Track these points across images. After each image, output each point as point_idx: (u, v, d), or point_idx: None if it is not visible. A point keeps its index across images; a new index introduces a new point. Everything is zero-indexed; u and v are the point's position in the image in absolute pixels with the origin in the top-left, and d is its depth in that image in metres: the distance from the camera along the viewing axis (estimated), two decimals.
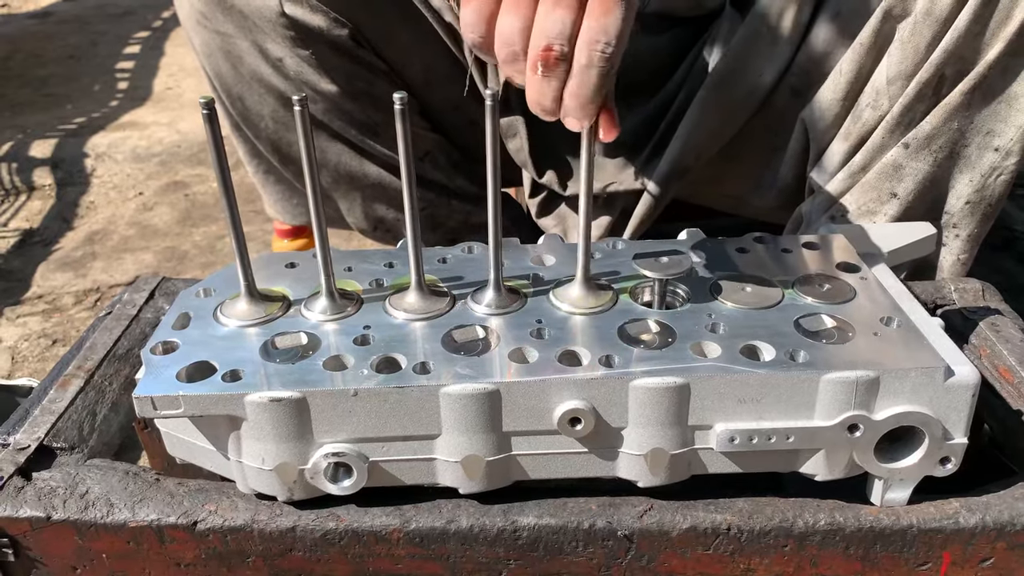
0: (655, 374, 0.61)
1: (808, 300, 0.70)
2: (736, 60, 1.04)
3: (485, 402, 0.61)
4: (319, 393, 0.60)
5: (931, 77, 0.86)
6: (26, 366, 1.48)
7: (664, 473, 0.63)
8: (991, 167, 0.89)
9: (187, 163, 2.33)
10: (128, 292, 0.90)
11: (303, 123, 0.62)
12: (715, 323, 0.67)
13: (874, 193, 0.93)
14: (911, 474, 0.63)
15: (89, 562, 0.65)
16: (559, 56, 0.60)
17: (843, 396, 0.60)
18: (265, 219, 1.90)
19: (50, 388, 0.75)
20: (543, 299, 0.71)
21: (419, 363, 0.63)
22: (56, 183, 2.22)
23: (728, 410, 0.61)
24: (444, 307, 0.70)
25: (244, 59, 1.08)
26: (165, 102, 2.83)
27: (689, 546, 0.64)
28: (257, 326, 0.68)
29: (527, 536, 0.63)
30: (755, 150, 1.11)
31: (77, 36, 3.57)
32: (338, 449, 0.62)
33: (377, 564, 0.64)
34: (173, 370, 0.62)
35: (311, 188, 0.65)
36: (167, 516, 0.64)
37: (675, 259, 0.70)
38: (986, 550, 0.63)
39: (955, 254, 0.95)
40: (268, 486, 0.63)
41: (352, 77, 1.11)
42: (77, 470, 0.67)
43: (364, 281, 0.74)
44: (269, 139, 1.16)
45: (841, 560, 0.64)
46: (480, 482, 0.63)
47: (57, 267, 1.82)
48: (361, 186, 1.21)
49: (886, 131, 0.91)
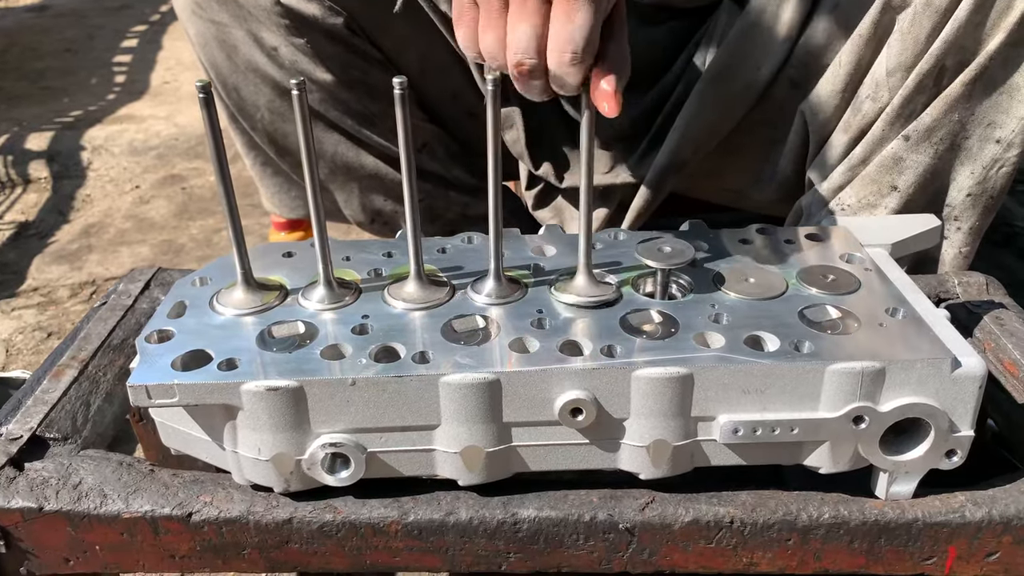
0: (658, 364, 0.60)
1: (812, 291, 0.69)
2: (734, 53, 1.03)
3: (485, 392, 0.60)
4: (316, 382, 0.59)
5: (931, 68, 0.86)
6: (21, 359, 1.47)
7: (666, 465, 0.62)
8: (992, 159, 0.88)
9: (184, 156, 2.32)
10: (123, 282, 0.89)
11: (301, 108, 0.61)
12: (718, 313, 0.66)
13: (874, 186, 0.93)
14: (916, 467, 0.62)
15: (82, 554, 0.64)
16: (530, 68, 0.62)
17: (848, 387, 0.59)
18: (262, 212, 1.89)
19: (43, 378, 0.74)
20: (544, 289, 0.70)
21: (418, 352, 0.62)
22: (52, 176, 2.21)
23: (732, 401, 0.61)
24: (443, 297, 0.69)
25: (239, 48, 1.08)
26: (162, 96, 2.82)
27: (691, 539, 0.63)
28: (254, 315, 0.67)
29: (527, 529, 0.62)
30: (754, 143, 1.10)
31: (74, 29, 3.56)
32: (335, 439, 0.61)
33: (375, 557, 0.64)
34: (168, 358, 0.61)
35: (308, 174, 0.64)
36: (161, 507, 0.63)
37: (678, 249, 0.69)
38: (992, 544, 0.62)
39: (957, 247, 0.94)
40: (264, 477, 0.62)
41: (347, 66, 1.11)
42: (70, 460, 0.66)
43: (362, 271, 0.73)
44: (265, 130, 1.15)
45: (845, 554, 0.63)
46: (480, 474, 0.63)
47: (53, 260, 1.80)
48: (358, 177, 1.20)
49: (886, 123, 0.90)
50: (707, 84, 1.05)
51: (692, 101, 1.07)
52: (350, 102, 1.13)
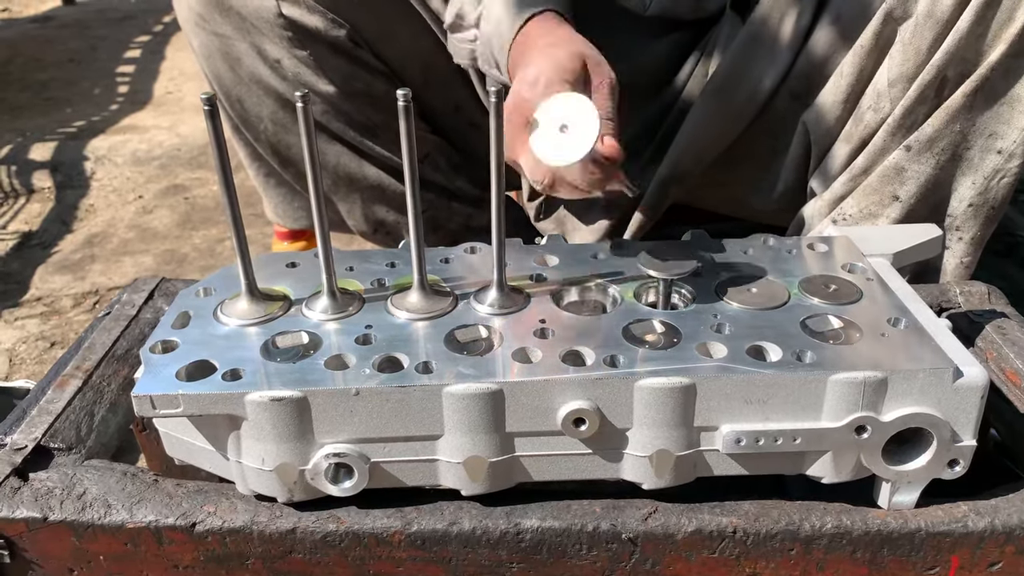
0: (660, 374, 0.60)
1: (814, 301, 0.69)
2: (736, 65, 1.04)
3: (488, 402, 0.60)
4: (320, 392, 0.60)
5: (933, 79, 0.86)
6: (24, 368, 1.47)
7: (669, 475, 0.63)
8: (994, 169, 0.89)
9: (187, 166, 2.33)
10: (127, 293, 0.89)
11: (306, 120, 0.62)
12: (721, 323, 0.66)
13: (876, 196, 0.93)
14: (919, 476, 0.62)
15: (86, 564, 0.64)
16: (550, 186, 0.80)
17: (851, 397, 0.60)
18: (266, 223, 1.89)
19: (48, 388, 0.75)
20: (546, 299, 0.70)
21: (421, 363, 0.62)
22: (55, 186, 2.22)
23: (734, 411, 0.61)
24: (447, 307, 0.69)
25: (242, 60, 1.08)
26: (165, 106, 2.83)
27: (694, 549, 0.63)
28: (258, 325, 0.67)
29: (530, 539, 0.63)
30: (755, 153, 1.11)
31: (77, 40, 3.57)
32: (339, 450, 0.61)
33: (378, 567, 0.64)
34: (172, 369, 0.62)
35: (313, 184, 0.65)
36: (165, 517, 0.63)
37: (680, 259, 0.70)
38: (995, 554, 0.62)
39: (958, 257, 0.95)
40: (268, 487, 0.63)
41: (350, 78, 1.11)
42: (74, 471, 0.66)
43: (366, 281, 0.74)
44: (268, 141, 1.16)
45: (848, 564, 0.63)
46: (483, 484, 0.63)
47: (56, 270, 1.81)
48: (360, 188, 1.20)
49: (888, 133, 0.91)
50: (709, 96, 1.06)
51: (694, 113, 1.07)
52: (352, 113, 1.13)
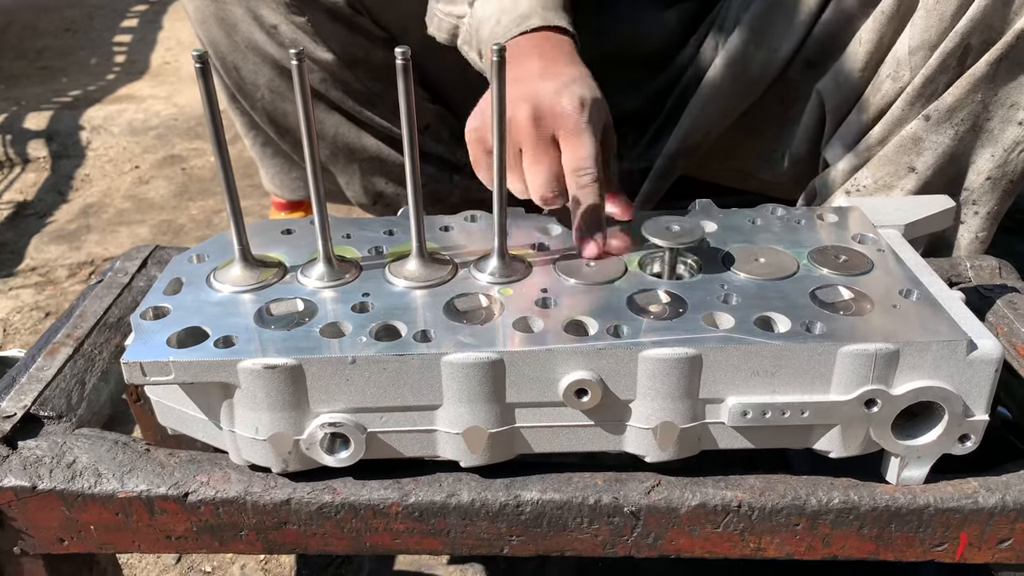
0: (665, 344, 0.58)
1: (824, 271, 0.67)
2: (752, 34, 1.01)
3: (488, 372, 0.58)
4: (315, 360, 0.58)
5: (956, 47, 0.83)
6: (18, 338, 1.46)
7: (673, 448, 0.61)
8: (1014, 142, 0.86)
9: (184, 137, 2.30)
10: (120, 260, 0.87)
11: (301, 79, 0.60)
12: (728, 294, 0.64)
13: (891, 167, 0.91)
14: (929, 452, 0.61)
15: (76, 534, 0.63)
16: (554, 196, 0.72)
17: (861, 369, 0.58)
18: (263, 193, 1.87)
19: (38, 356, 0.73)
20: (548, 268, 0.68)
21: (420, 331, 0.60)
22: (51, 155, 2.19)
23: (741, 383, 0.59)
24: (446, 275, 0.67)
25: (238, 26, 1.06)
26: (163, 76, 2.79)
27: (698, 524, 0.62)
28: (252, 292, 0.66)
29: (530, 511, 0.61)
30: (766, 123, 1.08)
31: (74, 9, 3.53)
32: (335, 419, 0.59)
33: (375, 539, 0.62)
34: (164, 335, 0.60)
35: (308, 148, 0.63)
36: (157, 487, 0.61)
37: (686, 228, 0.68)
38: (1005, 531, 0.61)
39: (973, 232, 0.93)
40: (262, 457, 0.61)
41: (349, 45, 1.09)
42: (64, 439, 0.64)
43: (363, 248, 0.72)
44: (265, 109, 1.13)
45: (855, 539, 0.62)
46: (482, 455, 0.61)
47: (51, 240, 1.79)
48: (359, 159, 1.18)
49: (906, 103, 0.88)
50: (723, 67, 1.03)
51: (706, 85, 1.04)
52: (351, 82, 1.11)
